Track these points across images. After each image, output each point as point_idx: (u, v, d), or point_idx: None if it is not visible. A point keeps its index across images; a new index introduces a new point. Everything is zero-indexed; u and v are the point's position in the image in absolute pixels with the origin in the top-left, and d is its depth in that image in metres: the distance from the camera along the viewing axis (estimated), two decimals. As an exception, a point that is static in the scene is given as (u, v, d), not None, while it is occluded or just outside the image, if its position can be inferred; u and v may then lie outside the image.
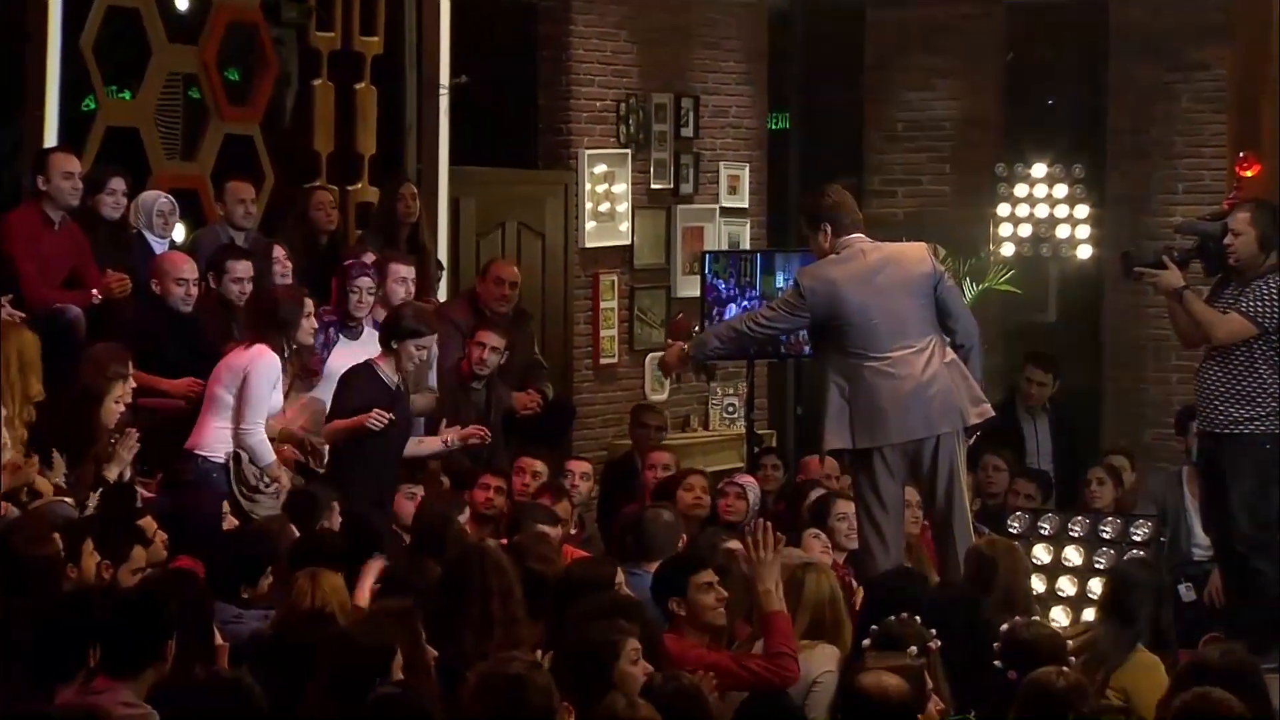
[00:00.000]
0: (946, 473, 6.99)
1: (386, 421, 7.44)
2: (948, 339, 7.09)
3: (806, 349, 8.48)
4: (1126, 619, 5.90)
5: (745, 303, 9.46)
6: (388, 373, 7.61)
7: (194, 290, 7.72)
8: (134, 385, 7.06)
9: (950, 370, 6.99)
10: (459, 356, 8.52)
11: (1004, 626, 5.29)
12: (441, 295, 9.44)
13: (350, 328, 8.05)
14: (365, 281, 8.02)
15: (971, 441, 7.28)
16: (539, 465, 8.21)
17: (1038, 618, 6.28)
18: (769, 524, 5.72)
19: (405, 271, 8.30)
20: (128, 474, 6.83)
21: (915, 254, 7.16)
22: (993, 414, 7.13)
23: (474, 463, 8.16)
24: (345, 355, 7.87)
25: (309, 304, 7.56)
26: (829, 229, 7.05)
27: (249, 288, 7.89)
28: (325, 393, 7.75)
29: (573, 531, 8.00)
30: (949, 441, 7.01)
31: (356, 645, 4.80)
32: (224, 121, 9.25)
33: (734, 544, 6.41)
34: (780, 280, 9.44)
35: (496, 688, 4.38)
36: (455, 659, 5.18)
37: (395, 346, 7.62)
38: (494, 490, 7.74)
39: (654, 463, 8.84)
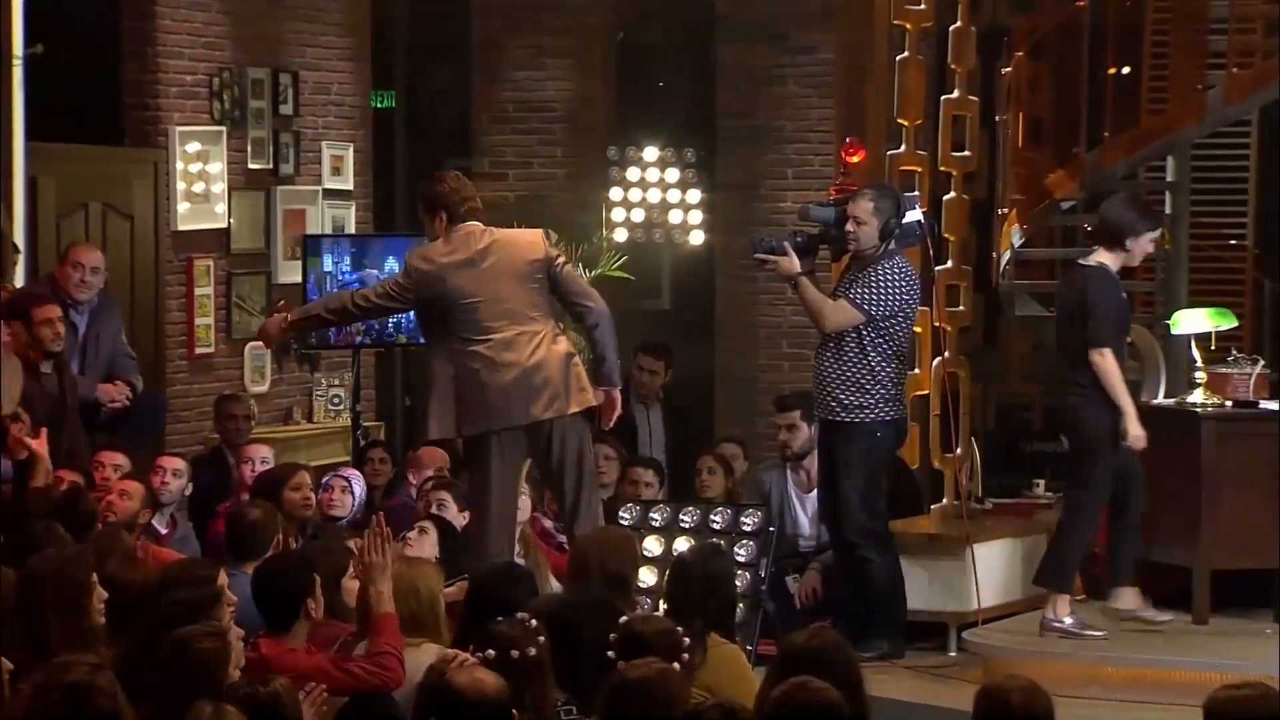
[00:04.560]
0: (570, 460, 7.00)
1: None
2: (580, 320, 7.14)
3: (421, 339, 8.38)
4: (685, 613, 5.69)
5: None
6: None
7: None
8: None
9: (560, 358, 6.97)
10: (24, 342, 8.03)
11: (621, 619, 5.21)
12: (20, 281, 8.88)
13: None
14: None
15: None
16: (120, 458, 7.84)
17: (655, 613, 6.26)
18: (383, 522, 5.63)
19: None
20: None
21: (526, 239, 7.18)
22: (594, 403, 7.07)
23: (53, 456, 7.67)
24: None
25: None
26: (444, 216, 7.04)
27: None
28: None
29: (164, 531, 7.76)
30: (566, 428, 6.98)
31: None
32: None
33: (354, 543, 6.24)
34: (328, 264, 9.44)
35: (55, 697, 4.11)
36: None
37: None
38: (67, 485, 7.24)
39: (249, 456, 8.60)
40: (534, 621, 5.04)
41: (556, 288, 7.04)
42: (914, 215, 7.97)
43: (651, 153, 11.11)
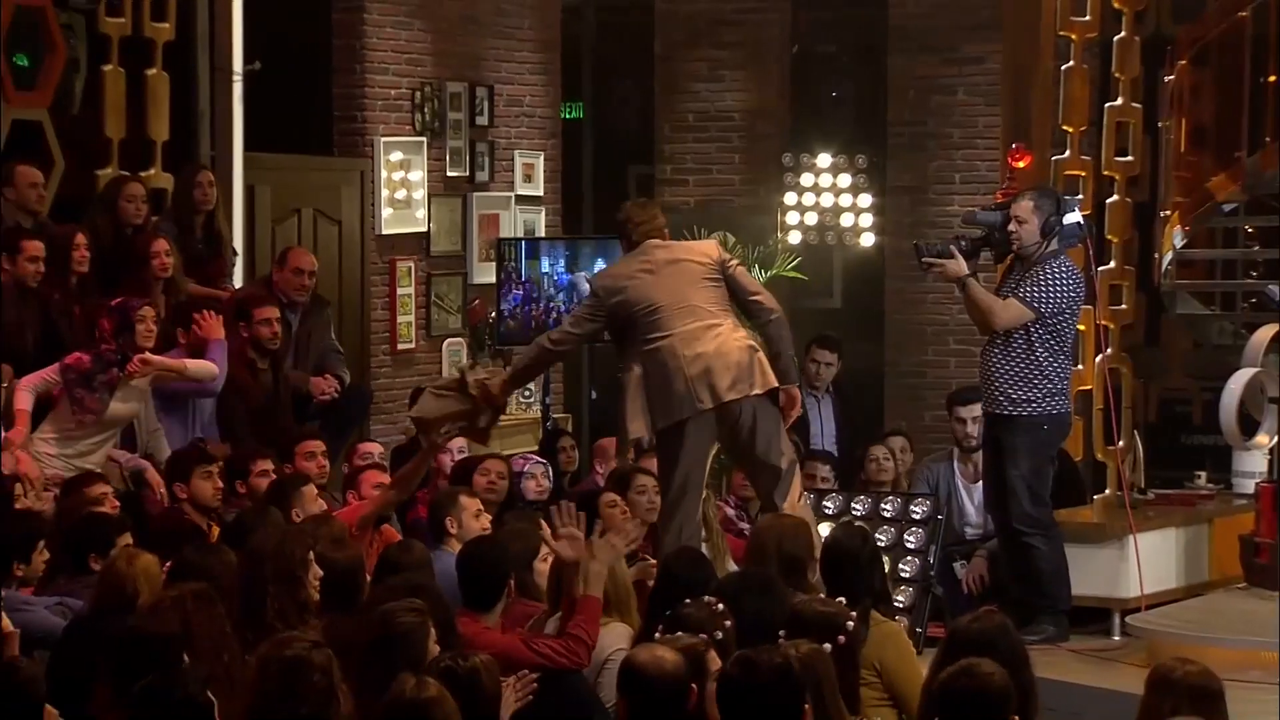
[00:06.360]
0: (761, 443, 7.21)
1: None
2: (755, 317, 7.41)
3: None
4: (849, 592, 5.76)
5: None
6: None
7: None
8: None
9: (742, 344, 7.27)
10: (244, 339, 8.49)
11: (792, 602, 5.40)
12: (237, 282, 9.44)
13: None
14: (149, 311, 7.83)
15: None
16: (320, 446, 8.09)
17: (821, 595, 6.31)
18: (572, 506, 5.85)
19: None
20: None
21: (700, 245, 7.62)
22: (775, 384, 7.26)
23: (266, 444, 8.09)
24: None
25: None
26: (631, 240, 7.48)
27: (43, 269, 7.95)
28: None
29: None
30: (756, 411, 7.21)
31: (139, 634, 4.77)
32: (11, 106, 9.08)
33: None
34: (545, 265, 10.03)
35: (276, 669, 4.37)
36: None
37: None
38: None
39: (446, 445, 8.82)
40: (720, 605, 5.21)
41: (731, 287, 7.37)
42: (1074, 217, 8.08)
43: (825, 159, 11.41)
